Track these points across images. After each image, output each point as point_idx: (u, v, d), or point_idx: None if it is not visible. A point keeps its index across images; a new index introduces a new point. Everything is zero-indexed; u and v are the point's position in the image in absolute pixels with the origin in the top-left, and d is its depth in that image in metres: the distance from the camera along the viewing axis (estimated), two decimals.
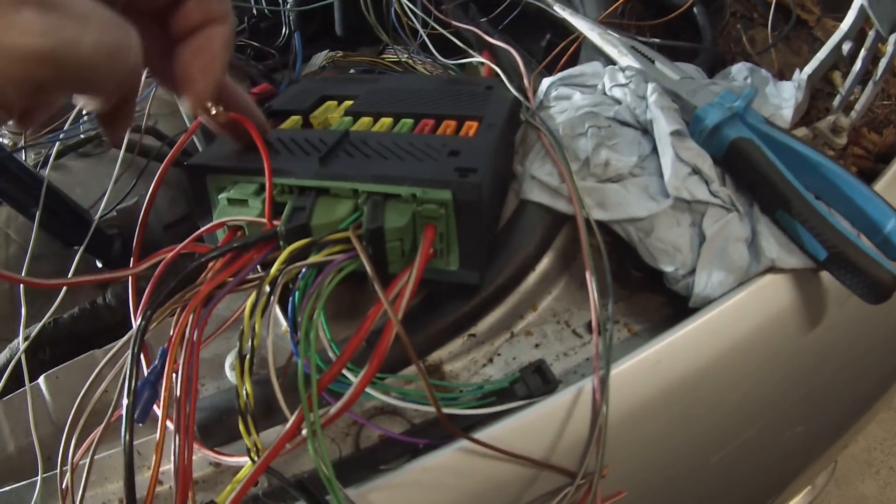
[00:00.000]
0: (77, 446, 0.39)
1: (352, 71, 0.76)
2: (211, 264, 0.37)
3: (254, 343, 0.36)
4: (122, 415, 0.35)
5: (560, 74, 0.50)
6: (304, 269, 0.37)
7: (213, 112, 0.35)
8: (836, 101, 0.54)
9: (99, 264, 0.56)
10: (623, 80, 0.48)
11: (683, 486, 0.44)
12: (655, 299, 0.47)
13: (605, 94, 0.49)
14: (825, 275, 0.44)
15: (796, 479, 0.55)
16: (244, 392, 0.36)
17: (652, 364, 0.40)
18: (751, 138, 0.45)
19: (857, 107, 0.53)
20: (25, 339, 0.50)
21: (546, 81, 0.51)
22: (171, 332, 0.36)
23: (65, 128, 0.54)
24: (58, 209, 0.51)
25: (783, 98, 0.51)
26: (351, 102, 0.50)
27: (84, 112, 0.62)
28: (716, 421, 0.42)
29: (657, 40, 0.53)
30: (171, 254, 0.40)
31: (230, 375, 0.43)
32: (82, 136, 0.61)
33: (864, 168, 0.53)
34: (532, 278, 0.44)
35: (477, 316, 0.43)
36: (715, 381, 0.41)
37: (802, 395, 0.48)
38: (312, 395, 0.33)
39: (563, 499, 0.36)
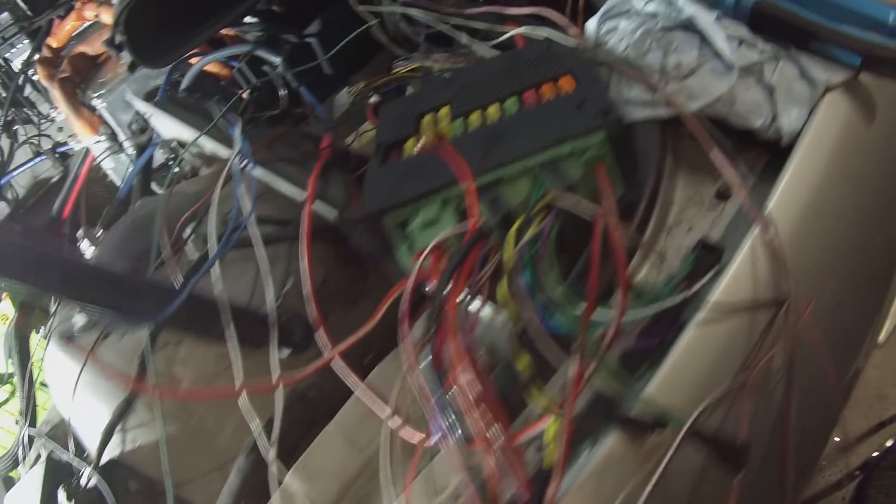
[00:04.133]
0: None
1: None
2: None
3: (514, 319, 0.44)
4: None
5: (600, 12, 0.59)
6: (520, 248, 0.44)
7: None
8: None
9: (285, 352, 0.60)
10: None
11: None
12: (750, 155, 0.56)
13: (641, 14, 0.58)
14: (864, 76, 0.55)
15: None
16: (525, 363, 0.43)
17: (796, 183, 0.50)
18: None
19: None
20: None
21: (591, 23, 0.59)
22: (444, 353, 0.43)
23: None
24: (241, 321, 0.55)
25: None
26: (446, 108, 0.57)
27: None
28: (860, 205, 0.53)
29: None
30: (406, 286, 0.46)
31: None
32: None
33: None
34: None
35: (641, 226, 0.52)
36: (835, 177, 0.52)
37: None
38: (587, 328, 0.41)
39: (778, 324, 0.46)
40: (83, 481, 0.60)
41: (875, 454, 0.91)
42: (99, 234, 0.74)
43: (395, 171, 0.52)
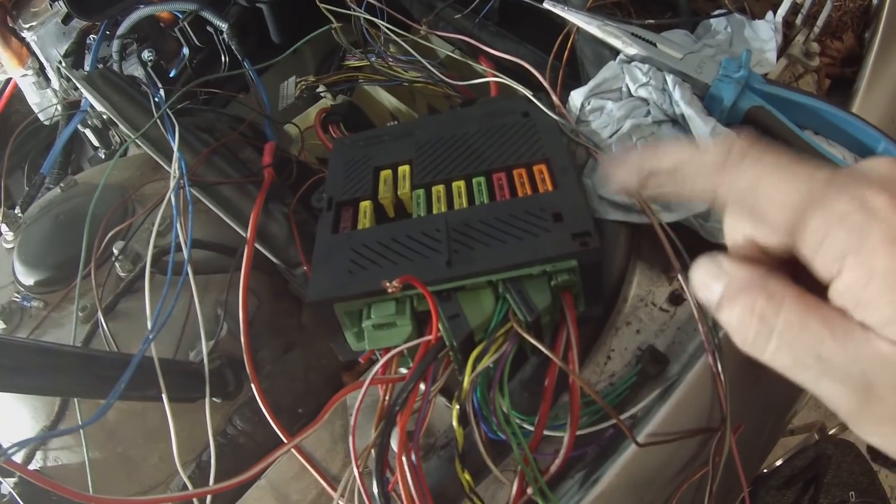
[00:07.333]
0: None
1: (326, 95, 0.75)
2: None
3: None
4: None
5: (588, 87, 0.54)
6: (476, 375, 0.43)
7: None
8: (799, 20, 0.61)
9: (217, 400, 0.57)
10: (643, 80, 0.53)
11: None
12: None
13: (631, 95, 0.54)
14: None
15: None
16: (465, 480, 0.44)
17: None
18: (761, 105, 0.53)
19: (819, 22, 0.60)
20: None
21: (577, 96, 0.55)
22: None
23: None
24: (174, 380, 0.51)
25: (763, 40, 0.58)
26: (407, 168, 0.53)
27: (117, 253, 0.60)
28: None
29: (651, 21, 0.57)
30: (361, 388, 0.44)
31: None
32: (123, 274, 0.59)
33: (834, 73, 0.62)
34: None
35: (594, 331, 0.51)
36: None
37: None
38: (531, 460, 0.42)
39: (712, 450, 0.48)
40: (3, 490, 0.59)
41: (765, 471, 0.97)
42: (20, 217, 0.67)
43: (347, 248, 0.48)
